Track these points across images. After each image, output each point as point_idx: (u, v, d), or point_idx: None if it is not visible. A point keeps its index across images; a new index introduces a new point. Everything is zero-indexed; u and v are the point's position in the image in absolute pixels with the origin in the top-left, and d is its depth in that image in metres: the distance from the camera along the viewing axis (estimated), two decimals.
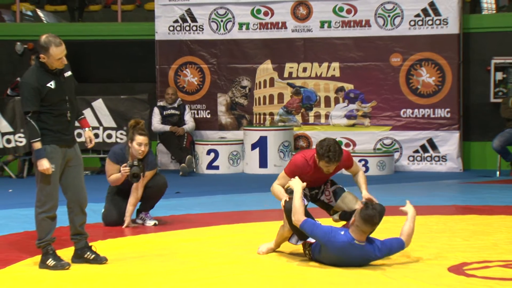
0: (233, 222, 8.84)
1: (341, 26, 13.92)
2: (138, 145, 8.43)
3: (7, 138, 13.23)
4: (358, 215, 6.33)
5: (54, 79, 6.59)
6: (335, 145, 6.73)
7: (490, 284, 5.86)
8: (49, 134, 6.57)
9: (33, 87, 6.50)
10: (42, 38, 6.58)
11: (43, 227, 6.67)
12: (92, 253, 6.78)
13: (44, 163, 6.52)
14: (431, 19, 13.61)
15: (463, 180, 12.71)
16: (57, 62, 6.56)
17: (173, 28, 14.40)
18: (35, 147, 6.55)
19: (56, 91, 6.57)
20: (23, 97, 6.55)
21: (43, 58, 6.54)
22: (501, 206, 9.81)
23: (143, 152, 8.45)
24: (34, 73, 6.57)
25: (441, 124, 13.69)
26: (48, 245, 6.67)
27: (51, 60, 6.54)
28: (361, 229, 6.31)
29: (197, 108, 14.47)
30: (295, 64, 14.14)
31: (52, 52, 6.51)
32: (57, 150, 6.63)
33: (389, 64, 13.84)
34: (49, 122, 6.57)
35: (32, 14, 16.59)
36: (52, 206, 6.67)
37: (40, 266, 6.66)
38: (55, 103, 6.59)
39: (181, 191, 11.39)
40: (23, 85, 6.57)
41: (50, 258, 6.62)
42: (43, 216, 6.66)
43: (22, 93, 6.58)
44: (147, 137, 8.52)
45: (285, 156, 13.73)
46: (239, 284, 6.05)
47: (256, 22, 14.18)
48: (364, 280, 6.05)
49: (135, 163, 8.40)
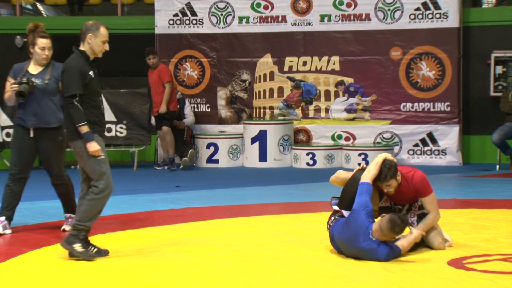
0: (232, 215, 8.85)
1: (341, 20, 13.91)
2: (41, 49, 7.71)
3: (6, 132, 13.24)
4: (388, 215, 6.39)
5: (92, 69, 6.68)
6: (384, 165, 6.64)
7: (490, 277, 5.86)
8: (91, 126, 6.59)
9: (80, 71, 6.57)
10: (88, 22, 6.67)
11: (93, 212, 6.64)
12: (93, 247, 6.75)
13: (95, 144, 6.55)
14: (431, 12, 13.61)
15: (462, 173, 12.71)
16: (102, 46, 6.65)
17: (173, 21, 14.39)
18: (83, 131, 6.54)
19: (94, 81, 6.67)
20: (69, 81, 6.56)
21: (90, 38, 6.61)
22: (501, 199, 9.82)
23: (47, 56, 7.75)
24: (77, 60, 6.64)
25: (441, 118, 13.70)
26: (84, 230, 6.63)
27: (98, 41, 6.62)
28: (381, 227, 6.34)
29: (197, 102, 14.47)
30: (295, 58, 14.14)
31: (102, 31, 6.64)
32: (100, 138, 6.67)
33: (389, 58, 13.83)
34: (90, 113, 6.62)
35: (32, 7, 16.60)
36: (109, 193, 6.69)
37: (63, 244, 6.62)
38: (93, 93, 6.66)
39: (181, 185, 11.40)
40: (69, 69, 6.60)
41: (79, 243, 6.60)
42: (104, 201, 6.66)
43: (69, 77, 6.57)
44: (49, 40, 7.76)
45: (284, 150, 13.73)
46: (239, 277, 6.05)
47: (256, 16, 14.17)
48: (363, 274, 6.06)
49: (23, 80, 7.63)
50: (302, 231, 7.82)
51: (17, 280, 6.03)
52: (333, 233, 6.68)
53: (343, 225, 6.56)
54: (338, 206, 6.81)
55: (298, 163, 13.63)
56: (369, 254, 6.39)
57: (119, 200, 8.42)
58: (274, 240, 7.42)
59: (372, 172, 6.65)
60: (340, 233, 6.59)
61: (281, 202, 10.14)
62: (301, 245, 7.11)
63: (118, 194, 7.90)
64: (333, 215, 6.83)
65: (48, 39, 7.75)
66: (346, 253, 6.57)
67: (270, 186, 11.54)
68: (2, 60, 14.96)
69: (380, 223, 6.36)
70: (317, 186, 11.22)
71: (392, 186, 6.72)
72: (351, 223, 6.48)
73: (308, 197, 10.22)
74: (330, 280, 5.91)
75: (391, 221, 6.29)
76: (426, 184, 6.84)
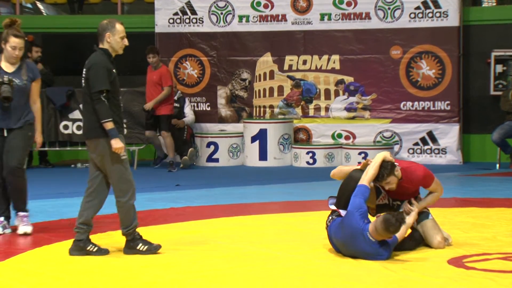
0: (233, 214, 8.85)
1: (341, 19, 13.91)
2: (12, 48, 7.47)
3: None
4: (383, 214, 6.38)
5: (114, 68, 6.73)
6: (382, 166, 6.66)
7: (490, 276, 5.87)
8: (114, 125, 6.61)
9: (107, 68, 6.62)
10: (104, 21, 6.73)
11: (131, 214, 6.74)
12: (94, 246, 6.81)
13: (119, 141, 6.55)
14: (431, 11, 13.60)
15: (462, 172, 12.71)
16: (121, 42, 6.69)
17: (173, 20, 14.38)
18: (108, 127, 6.54)
19: (117, 79, 6.72)
20: (96, 77, 6.57)
21: (108, 37, 6.66)
22: (501, 198, 9.82)
23: (17, 56, 7.51)
24: (101, 57, 6.67)
25: (441, 117, 13.69)
26: (135, 231, 6.74)
27: (116, 38, 6.67)
28: (376, 227, 6.34)
29: (197, 101, 14.47)
30: (295, 56, 14.14)
31: (118, 27, 6.69)
32: (122, 138, 6.67)
33: (389, 56, 13.83)
34: (114, 112, 6.64)
35: (32, 6, 16.59)
36: (133, 192, 6.72)
37: (128, 252, 6.73)
38: (116, 91, 6.72)
39: (181, 184, 11.40)
40: (96, 65, 6.61)
41: (140, 243, 6.72)
42: (130, 203, 6.72)
43: (95, 73, 6.58)
44: (23, 40, 7.51)
45: (285, 149, 13.73)
46: (239, 276, 6.06)
47: (256, 15, 14.17)
48: (363, 273, 6.06)
49: (5, 81, 7.40)
50: (302, 230, 7.82)
51: (17, 279, 6.03)
52: (331, 233, 6.68)
53: (338, 226, 6.56)
54: (335, 206, 6.82)
55: (298, 162, 13.63)
56: (372, 257, 6.40)
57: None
58: (274, 239, 7.42)
59: (370, 173, 6.66)
60: (336, 234, 6.59)
61: (281, 201, 10.14)
62: (301, 244, 7.11)
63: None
64: (331, 215, 6.84)
65: (21, 39, 7.55)
66: (344, 252, 6.57)
67: (270, 185, 11.54)
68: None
69: (375, 224, 6.36)
70: (317, 185, 11.22)
71: (392, 182, 6.74)
72: (345, 225, 6.48)
73: (308, 196, 10.22)
74: (330, 279, 5.91)
75: (386, 221, 6.29)
76: (428, 177, 6.92)
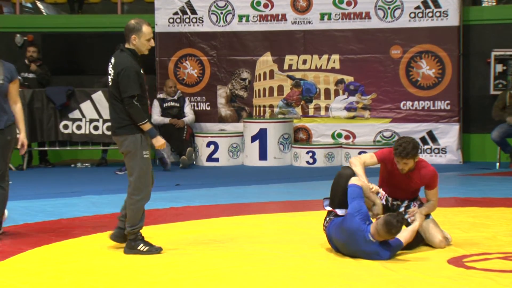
0: (232, 214, 8.85)
1: (341, 18, 13.91)
2: None
3: None
4: (384, 216, 6.37)
5: (141, 67, 6.80)
6: (408, 143, 6.69)
7: (490, 276, 5.87)
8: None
9: (137, 71, 6.72)
10: (131, 21, 6.77)
11: (139, 214, 6.81)
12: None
13: (160, 139, 6.74)
14: (431, 11, 13.60)
15: (462, 172, 12.71)
16: (147, 44, 6.76)
17: (173, 20, 14.38)
18: (145, 128, 6.71)
19: (144, 79, 6.80)
20: (128, 82, 6.66)
21: (134, 39, 6.72)
22: (501, 198, 9.82)
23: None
24: (130, 59, 6.74)
25: (441, 116, 13.69)
26: (139, 231, 6.83)
27: (142, 40, 6.74)
28: (377, 229, 6.34)
29: (196, 101, 14.47)
30: (295, 56, 14.13)
31: (144, 30, 6.73)
32: (146, 139, 6.78)
33: (389, 56, 13.83)
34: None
35: (32, 6, 16.59)
36: (148, 193, 6.82)
37: (128, 252, 6.80)
38: (144, 91, 6.81)
39: (181, 183, 11.41)
40: (128, 69, 6.68)
41: (141, 243, 6.80)
42: (141, 204, 6.81)
43: (127, 77, 6.66)
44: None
45: (284, 149, 13.72)
46: (238, 276, 6.06)
47: (256, 14, 14.17)
48: (363, 272, 6.06)
49: None
50: (302, 229, 7.82)
51: (17, 279, 6.03)
52: (330, 234, 6.68)
53: (339, 229, 6.55)
54: (330, 206, 6.82)
55: (298, 161, 13.63)
56: (372, 257, 6.40)
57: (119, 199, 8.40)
58: (274, 238, 7.42)
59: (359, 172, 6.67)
60: (336, 234, 6.59)
61: (281, 200, 10.14)
62: (301, 243, 7.11)
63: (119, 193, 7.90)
64: (328, 216, 6.84)
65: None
66: (344, 252, 6.57)
67: (270, 184, 11.54)
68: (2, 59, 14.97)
69: (376, 226, 6.36)
70: (317, 184, 11.21)
71: (408, 165, 6.77)
72: (346, 227, 6.47)
73: (308, 196, 10.21)
74: (330, 279, 5.91)
75: (387, 223, 6.29)
76: (436, 179, 6.96)
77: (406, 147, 6.69)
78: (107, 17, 15.22)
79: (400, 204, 7.03)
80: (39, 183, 11.76)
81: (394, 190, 7.01)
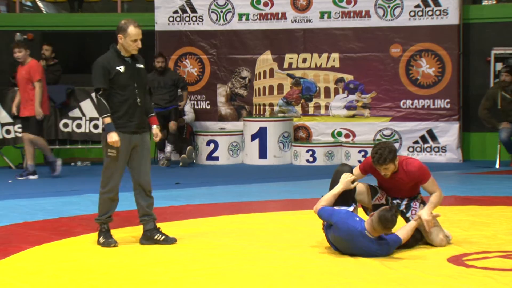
0: (232, 212, 8.85)
1: (341, 17, 13.91)
2: None
3: (6, 129, 13.23)
4: (377, 212, 6.37)
5: (125, 65, 6.95)
6: (384, 149, 6.67)
7: (490, 274, 5.86)
8: (112, 120, 6.88)
9: (102, 66, 6.90)
10: (122, 21, 6.97)
11: (103, 206, 7.08)
12: (161, 235, 7.12)
13: (113, 135, 6.85)
14: (431, 9, 13.60)
15: (462, 170, 12.71)
16: (133, 44, 6.90)
17: (173, 18, 14.38)
18: (105, 122, 6.89)
19: (125, 75, 6.91)
20: (94, 76, 6.93)
21: (120, 38, 6.89)
22: (501, 196, 9.81)
23: None
24: (106, 56, 6.99)
25: (441, 115, 13.69)
26: (103, 223, 7.08)
27: (127, 40, 6.90)
28: (373, 226, 6.34)
29: (196, 99, 14.47)
30: (295, 55, 14.13)
31: (130, 31, 6.88)
32: (120, 136, 6.91)
33: (389, 55, 13.82)
34: (114, 108, 6.90)
35: (32, 4, 16.59)
36: (112, 188, 7.03)
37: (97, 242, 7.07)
38: (122, 86, 6.92)
39: (181, 182, 11.40)
40: (94, 65, 6.97)
41: (101, 235, 7.06)
42: (104, 196, 7.06)
43: (93, 72, 6.94)
44: None
45: (284, 147, 13.72)
46: (238, 274, 6.06)
47: (256, 13, 14.17)
48: (363, 271, 6.06)
49: None
50: (302, 228, 7.82)
51: (17, 277, 6.03)
52: (328, 233, 6.67)
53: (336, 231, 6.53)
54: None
55: (298, 160, 13.63)
56: (372, 254, 6.40)
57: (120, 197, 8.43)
58: (274, 237, 7.42)
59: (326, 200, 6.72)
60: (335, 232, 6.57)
61: (281, 199, 10.14)
62: (301, 242, 7.11)
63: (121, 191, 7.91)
64: None
65: None
66: (344, 251, 6.57)
67: (270, 183, 11.54)
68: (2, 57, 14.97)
69: (371, 223, 6.36)
70: (317, 183, 11.20)
71: (390, 169, 6.76)
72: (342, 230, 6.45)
73: (308, 194, 10.20)
74: (330, 277, 5.91)
75: (382, 219, 6.29)
76: (424, 171, 6.87)
77: (382, 153, 6.68)
78: (107, 16, 15.21)
79: (400, 203, 7.03)
80: (39, 182, 11.76)
81: (390, 192, 7.02)
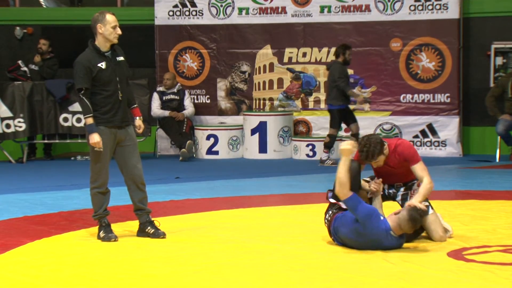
0: (232, 207, 8.85)
1: (341, 11, 13.89)
2: None
3: (6, 123, 13.23)
4: (406, 211, 6.37)
5: (105, 60, 6.95)
6: (369, 145, 6.65)
7: (490, 268, 5.87)
8: (97, 116, 6.92)
9: (84, 66, 6.88)
10: (95, 15, 7.00)
11: (96, 201, 7.12)
12: (152, 228, 7.15)
13: (95, 136, 6.88)
14: (431, 3, 13.59)
15: (462, 165, 12.71)
16: (113, 31, 6.94)
17: (172, 13, 14.37)
18: (87, 122, 6.91)
19: (107, 71, 6.92)
20: (76, 76, 6.92)
21: (100, 28, 6.90)
22: (501, 191, 9.82)
23: None
24: (86, 54, 6.96)
25: (441, 109, 13.69)
26: (102, 217, 7.11)
27: (108, 28, 6.92)
28: (400, 225, 6.35)
29: (196, 93, 14.46)
30: (295, 49, 14.12)
31: (108, 18, 6.94)
32: (105, 131, 6.97)
33: (389, 49, 13.81)
34: (99, 104, 6.93)
35: None
36: (102, 183, 7.09)
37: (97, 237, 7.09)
38: (105, 83, 6.93)
39: (181, 176, 11.41)
40: (76, 64, 6.94)
41: (101, 230, 7.08)
42: (95, 191, 7.11)
43: (75, 72, 6.93)
44: None
45: (284, 142, 13.72)
46: (238, 269, 6.06)
47: (255, 7, 14.15)
48: (364, 265, 6.06)
49: None
50: (302, 222, 7.82)
51: (17, 271, 6.03)
52: (336, 230, 6.63)
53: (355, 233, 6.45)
54: (334, 199, 6.80)
55: (298, 154, 13.63)
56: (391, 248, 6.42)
57: (119, 191, 8.41)
58: (274, 231, 7.42)
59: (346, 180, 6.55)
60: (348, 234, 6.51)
61: (281, 193, 10.14)
62: (301, 236, 7.12)
63: (118, 185, 7.89)
64: (330, 209, 6.80)
65: None
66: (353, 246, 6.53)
67: (270, 177, 11.54)
68: (2, 51, 14.96)
69: (399, 221, 6.34)
70: (317, 177, 11.21)
71: (381, 160, 6.79)
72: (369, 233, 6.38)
73: (308, 189, 10.22)
74: (330, 271, 5.91)
75: (413, 219, 6.32)
76: (413, 151, 6.88)
77: (369, 149, 6.67)
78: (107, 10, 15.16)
79: (396, 192, 7.04)
80: (39, 176, 11.77)
81: (385, 179, 6.99)
